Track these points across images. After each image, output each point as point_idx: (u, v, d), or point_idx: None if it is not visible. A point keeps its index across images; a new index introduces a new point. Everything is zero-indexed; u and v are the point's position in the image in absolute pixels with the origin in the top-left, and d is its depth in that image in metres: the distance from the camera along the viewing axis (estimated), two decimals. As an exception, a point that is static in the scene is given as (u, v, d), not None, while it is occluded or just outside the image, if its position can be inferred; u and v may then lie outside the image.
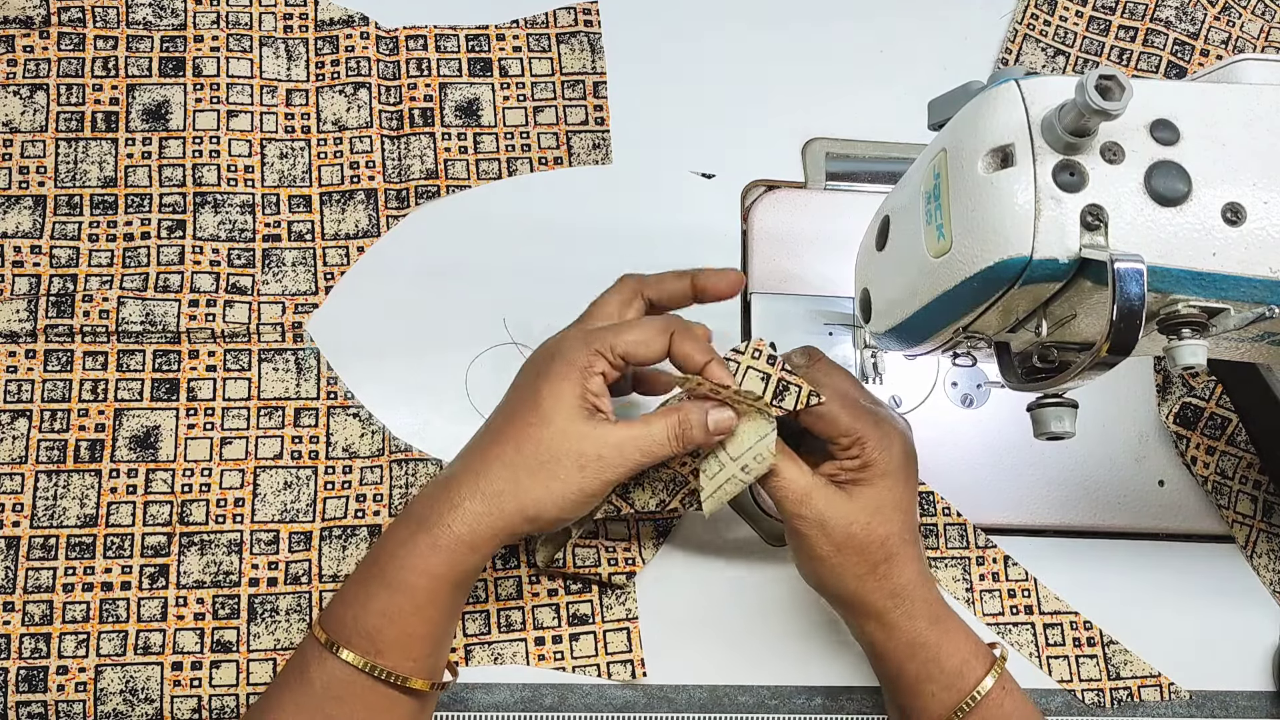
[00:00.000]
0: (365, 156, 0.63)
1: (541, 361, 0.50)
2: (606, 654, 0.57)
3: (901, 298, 0.48)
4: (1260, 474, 0.62)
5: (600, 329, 0.50)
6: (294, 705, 0.47)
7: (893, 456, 0.51)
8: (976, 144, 0.42)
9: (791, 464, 0.51)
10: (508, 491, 0.48)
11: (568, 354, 0.49)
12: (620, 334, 0.49)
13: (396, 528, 0.49)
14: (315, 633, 0.48)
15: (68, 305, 0.59)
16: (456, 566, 0.48)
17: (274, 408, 0.59)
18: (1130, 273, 0.39)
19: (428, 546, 0.47)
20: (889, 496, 0.50)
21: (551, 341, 0.52)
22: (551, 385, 0.49)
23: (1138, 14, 0.70)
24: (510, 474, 0.48)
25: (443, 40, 0.66)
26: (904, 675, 0.50)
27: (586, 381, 0.49)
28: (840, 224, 0.64)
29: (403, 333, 0.61)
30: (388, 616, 0.47)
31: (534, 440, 0.48)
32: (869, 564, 0.50)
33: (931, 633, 0.50)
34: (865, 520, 0.50)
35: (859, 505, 0.50)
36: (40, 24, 0.63)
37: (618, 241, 0.63)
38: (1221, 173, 0.41)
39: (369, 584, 0.48)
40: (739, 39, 0.68)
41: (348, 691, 0.47)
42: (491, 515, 0.48)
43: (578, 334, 0.50)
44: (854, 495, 0.51)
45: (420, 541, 0.47)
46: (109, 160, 0.62)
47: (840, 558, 0.51)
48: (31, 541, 0.56)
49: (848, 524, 0.50)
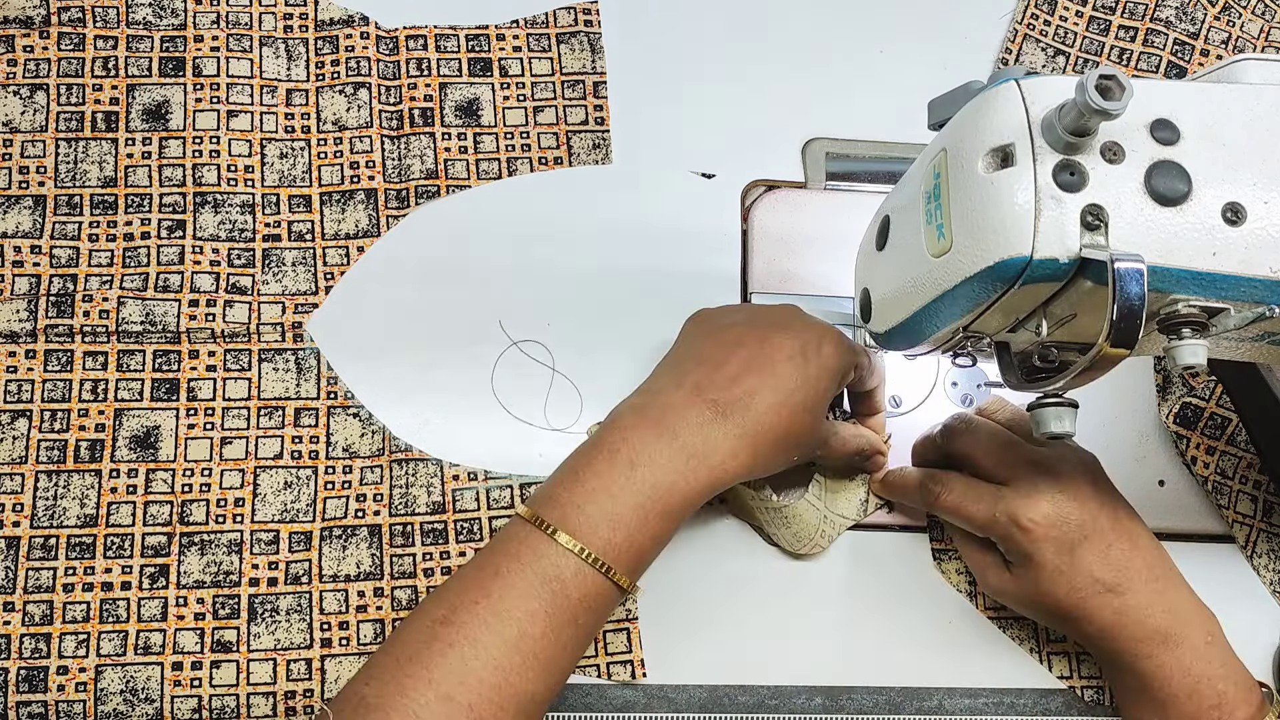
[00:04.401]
0: (365, 156, 0.63)
1: (813, 344, 0.52)
2: (606, 654, 0.57)
3: (901, 298, 0.48)
4: (1260, 474, 0.62)
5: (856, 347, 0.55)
6: (545, 616, 0.46)
7: (1038, 521, 0.53)
8: (977, 144, 0.42)
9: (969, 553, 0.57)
10: (766, 465, 0.51)
11: (842, 350, 0.53)
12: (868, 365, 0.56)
13: (665, 452, 0.48)
14: (571, 547, 0.46)
15: (68, 305, 0.59)
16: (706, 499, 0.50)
17: (274, 408, 0.59)
18: (1130, 272, 0.39)
19: (706, 485, 0.49)
20: (1051, 563, 0.53)
21: (814, 321, 0.54)
22: (827, 381, 0.52)
23: (1138, 14, 0.70)
24: (772, 454, 0.51)
25: (443, 40, 0.66)
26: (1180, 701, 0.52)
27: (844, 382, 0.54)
28: (840, 224, 0.64)
29: (403, 333, 0.61)
30: (659, 541, 0.49)
31: (801, 429, 0.51)
32: (1065, 623, 0.54)
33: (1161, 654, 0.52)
34: (1030, 597, 0.54)
35: (1020, 584, 0.54)
36: (40, 24, 0.63)
37: (618, 241, 0.63)
38: (1221, 173, 0.41)
39: (645, 512, 0.48)
40: (739, 39, 0.68)
41: (600, 603, 0.47)
42: (747, 471, 0.50)
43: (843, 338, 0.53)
44: (1016, 574, 0.55)
45: (700, 477, 0.49)
46: (109, 160, 0.62)
47: (1046, 621, 0.56)
48: (31, 541, 0.56)
49: (1021, 605, 0.55)
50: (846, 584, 0.59)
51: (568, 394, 0.61)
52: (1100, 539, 0.52)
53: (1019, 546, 0.53)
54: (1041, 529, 0.52)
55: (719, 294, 0.63)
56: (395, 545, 0.57)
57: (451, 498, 0.58)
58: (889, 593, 0.59)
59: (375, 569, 0.57)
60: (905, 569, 0.60)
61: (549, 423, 0.60)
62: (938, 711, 0.58)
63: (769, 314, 0.54)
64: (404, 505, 0.58)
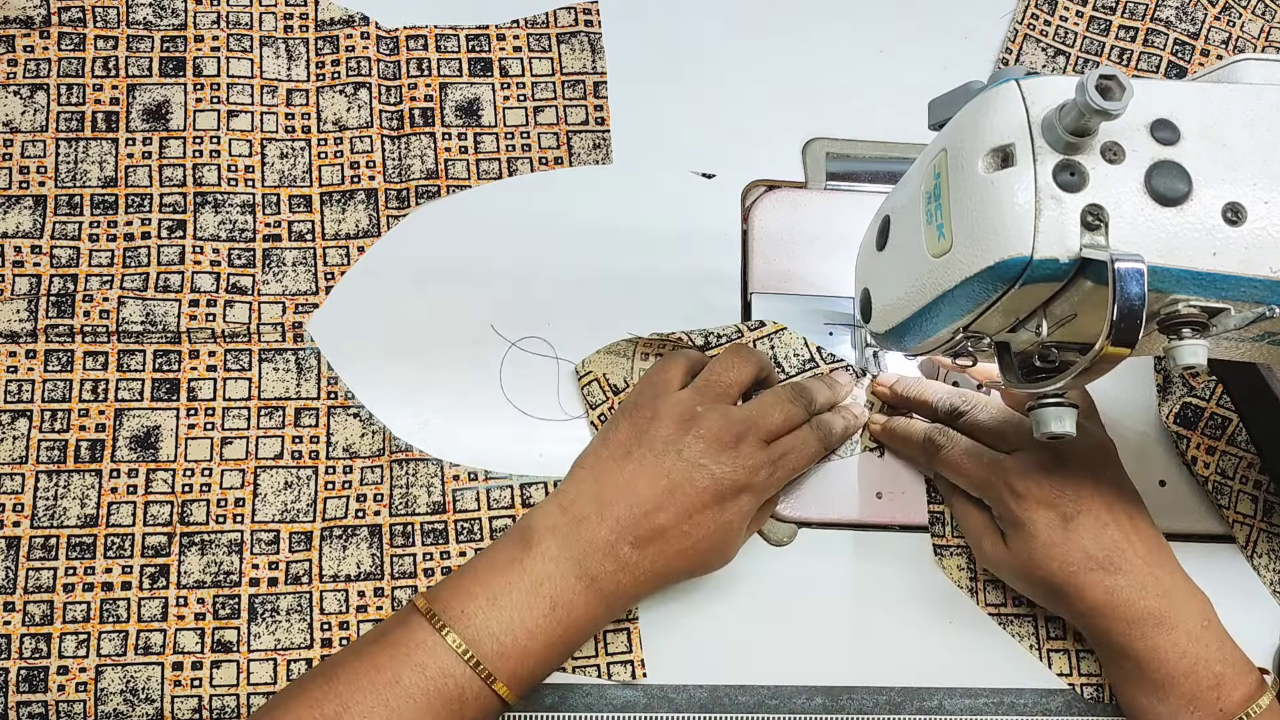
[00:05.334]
0: (365, 156, 0.63)
1: (730, 494, 0.53)
2: (606, 654, 0.57)
3: (902, 298, 0.48)
4: (1260, 474, 0.62)
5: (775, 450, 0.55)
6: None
7: (1029, 488, 0.53)
8: (977, 144, 0.42)
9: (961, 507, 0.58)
10: (683, 575, 0.55)
11: (759, 490, 0.54)
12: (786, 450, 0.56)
13: (583, 596, 0.50)
14: (452, 644, 0.48)
15: (68, 305, 0.59)
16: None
17: (274, 408, 0.59)
18: (1130, 273, 0.39)
19: (609, 620, 0.53)
20: (1043, 534, 0.53)
21: (749, 460, 0.53)
22: (740, 526, 0.54)
23: (1138, 14, 0.70)
24: (678, 580, 0.55)
25: (443, 40, 0.66)
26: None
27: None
28: (840, 224, 0.64)
29: (403, 333, 0.61)
30: (550, 671, 0.52)
31: (710, 564, 0.55)
32: (1057, 598, 0.54)
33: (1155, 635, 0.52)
34: (1024, 568, 0.54)
35: (1014, 554, 0.55)
36: (40, 24, 0.63)
37: (618, 241, 0.63)
38: (1221, 173, 0.41)
39: (553, 649, 0.50)
40: (739, 39, 0.68)
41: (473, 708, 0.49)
42: (650, 594, 0.54)
43: (764, 458, 0.54)
44: (1011, 544, 0.55)
45: (610, 613, 0.52)
46: (109, 160, 0.62)
47: (1040, 597, 0.56)
48: (32, 541, 0.56)
49: (1015, 577, 0.55)
50: (847, 584, 0.59)
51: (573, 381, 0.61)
52: (1096, 516, 0.52)
53: (1011, 512, 0.53)
54: (1034, 496, 0.53)
55: (719, 294, 0.63)
56: (395, 545, 0.57)
57: (452, 498, 0.58)
58: (889, 592, 0.59)
59: (375, 569, 0.57)
60: (905, 569, 0.60)
61: (565, 412, 0.60)
62: (938, 711, 0.58)
63: (708, 444, 0.53)
64: (404, 505, 0.58)
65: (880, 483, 0.61)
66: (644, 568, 0.51)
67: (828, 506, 0.60)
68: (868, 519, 0.60)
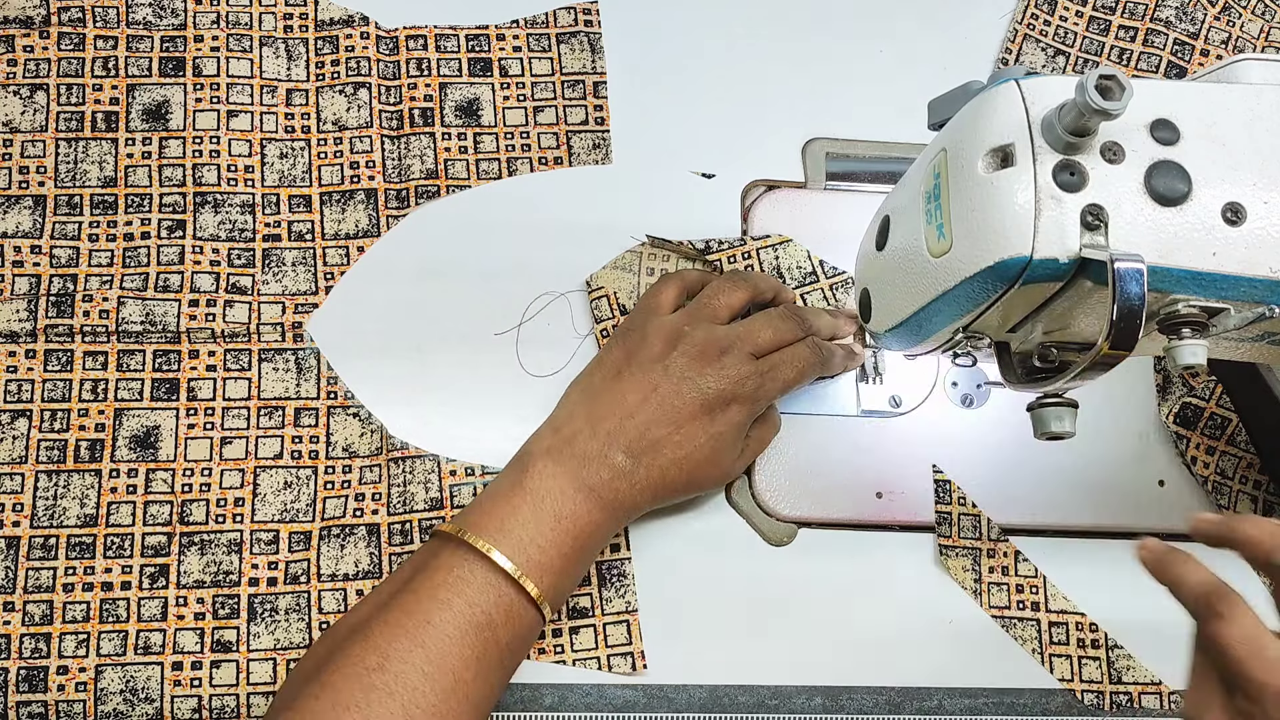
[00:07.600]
0: (365, 156, 0.63)
1: (719, 405, 0.54)
2: (607, 646, 0.57)
3: (901, 298, 0.48)
4: (1260, 474, 0.62)
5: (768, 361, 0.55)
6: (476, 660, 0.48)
7: None
8: (976, 144, 0.42)
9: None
10: (672, 501, 0.56)
11: (748, 400, 0.54)
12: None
13: (584, 504, 0.51)
14: (526, 587, 0.49)
15: (68, 305, 0.59)
16: None
17: (274, 407, 0.59)
18: (1130, 273, 0.39)
19: (616, 527, 0.53)
20: None
21: (734, 371, 0.54)
22: (733, 437, 0.54)
23: (1138, 14, 0.70)
24: (677, 497, 0.56)
25: (443, 40, 0.66)
26: None
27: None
28: (840, 224, 0.64)
29: (403, 333, 0.61)
30: (576, 581, 0.53)
31: (705, 479, 0.55)
32: None
33: None
34: None
35: None
36: (40, 24, 0.63)
37: (618, 241, 0.63)
38: (1221, 173, 0.41)
39: (568, 559, 0.51)
40: (739, 39, 0.68)
41: (525, 643, 0.50)
42: (652, 507, 0.55)
43: (750, 370, 0.54)
44: None
45: (615, 521, 0.53)
46: (109, 160, 0.62)
47: None
48: (31, 541, 0.56)
49: None
50: (847, 584, 0.59)
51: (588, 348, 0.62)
52: None
53: None
54: None
55: (719, 294, 0.63)
56: (394, 544, 0.57)
57: (449, 493, 0.58)
58: (890, 592, 0.59)
59: (374, 568, 0.57)
60: (906, 568, 0.60)
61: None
62: (938, 711, 0.58)
63: (693, 358, 0.54)
64: (402, 503, 0.58)
65: (880, 483, 0.61)
66: (640, 476, 0.52)
67: (828, 506, 0.60)
68: (868, 519, 0.60)
